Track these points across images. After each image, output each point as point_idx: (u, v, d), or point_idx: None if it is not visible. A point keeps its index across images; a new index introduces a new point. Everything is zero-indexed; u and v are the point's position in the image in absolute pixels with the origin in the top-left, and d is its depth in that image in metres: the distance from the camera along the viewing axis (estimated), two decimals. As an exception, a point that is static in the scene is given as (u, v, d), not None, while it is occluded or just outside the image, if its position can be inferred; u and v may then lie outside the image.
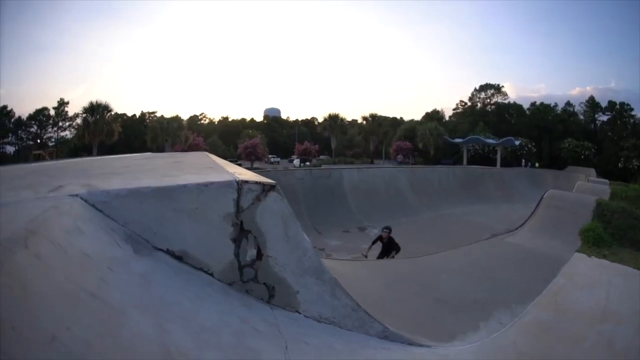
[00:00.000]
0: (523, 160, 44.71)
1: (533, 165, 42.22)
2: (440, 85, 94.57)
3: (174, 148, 38.96)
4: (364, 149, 59.85)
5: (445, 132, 49.91)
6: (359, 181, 14.48)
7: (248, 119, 78.23)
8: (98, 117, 37.39)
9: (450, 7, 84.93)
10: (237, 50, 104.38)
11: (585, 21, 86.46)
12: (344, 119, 53.52)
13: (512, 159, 46.11)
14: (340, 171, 14.71)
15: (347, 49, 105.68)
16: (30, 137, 55.44)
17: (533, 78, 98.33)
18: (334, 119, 51.16)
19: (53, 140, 55.37)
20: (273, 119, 76.78)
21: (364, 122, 56.57)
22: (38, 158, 39.74)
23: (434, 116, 60.69)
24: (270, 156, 50.61)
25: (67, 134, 55.25)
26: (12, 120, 53.47)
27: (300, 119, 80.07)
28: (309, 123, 77.44)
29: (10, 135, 54.05)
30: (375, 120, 54.92)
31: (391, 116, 63.53)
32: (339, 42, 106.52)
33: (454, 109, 66.52)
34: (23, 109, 78.15)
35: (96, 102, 38.10)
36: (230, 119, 76.50)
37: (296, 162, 45.77)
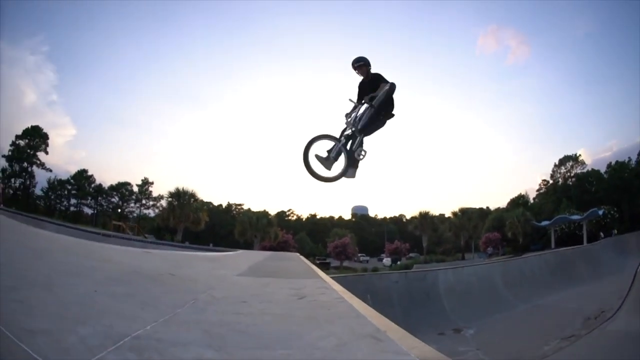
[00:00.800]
0: (601, 233, 41.27)
1: (610, 234, 39.17)
2: (521, 167, 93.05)
3: (262, 243, 40.69)
4: (454, 244, 58.55)
5: (532, 216, 48.42)
6: (454, 282, 14.50)
7: (336, 216, 79.70)
8: (185, 202, 40.49)
9: (517, 85, 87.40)
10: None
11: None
12: (434, 216, 53.33)
13: (597, 230, 42.81)
14: (435, 273, 14.92)
15: (428, 144, 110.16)
16: (110, 207, 61.25)
17: (604, 136, 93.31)
18: (424, 217, 50.98)
19: (135, 214, 60.60)
20: (361, 217, 78.44)
21: (453, 216, 55.57)
22: (118, 229, 42.12)
23: (519, 201, 59.50)
24: (359, 255, 50.92)
25: (150, 212, 60.62)
26: (92, 185, 59.41)
27: (388, 217, 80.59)
28: (398, 220, 77.37)
29: (89, 198, 59.82)
30: (464, 215, 53.90)
31: (478, 207, 61.86)
32: (421, 138, 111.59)
33: (537, 190, 64.70)
34: (103, 176, 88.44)
35: (182, 189, 41.52)
36: (318, 217, 78.19)
37: (386, 261, 46.07)
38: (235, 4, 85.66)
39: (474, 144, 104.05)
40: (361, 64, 5.13)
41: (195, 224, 40.85)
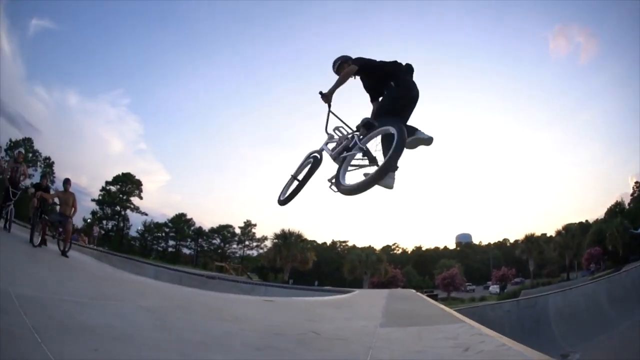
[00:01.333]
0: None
1: None
2: (610, 170, 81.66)
3: (371, 279, 42.76)
4: (558, 265, 55.09)
5: (629, 223, 44.32)
6: (562, 305, 14.58)
7: (441, 247, 78.32)
8: (291, 243, 43.53)
9: (594, 84, 77.45)
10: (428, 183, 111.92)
11: None
12: (539, 237, 51.67)
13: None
14: (545, 298, 15.19)
15: (517, 160, 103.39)
16: (212, 248, 62.83)
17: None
18: (530, 240, 49.50)
19: (237, 255, 62.88)
20: (466, 245, 77.21)
21: (557, 235, 52.85)
22: (220, 270, 45.32)
23: (616, 209, 53.97)
24: (466, 284, 50.83)
25: (254, 252, 63.14)
26: (192, 228, 61.73)
27: (492, 242, 77.94)
28: (501, 245, 74.80)
29: (189, 240, 61.95)
30: (568, 232, 51.06)
31: (578, 221, 56.82)
32: (509, 155, 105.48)
33: (631, 194, 57.74)
34: (201, 218, 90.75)
35: (289, 230, 44.70)
36: (423, 248, 77.29)
37: (493, 288, 45.16)
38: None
39: (563, 153, 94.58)
40: (337, 65, 3.80)
41: (303, 263, 43.38)
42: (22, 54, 68.08)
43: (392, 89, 3.54)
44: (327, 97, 3.53)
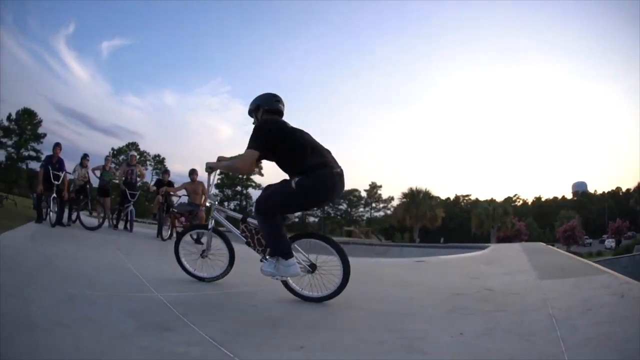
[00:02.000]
0: None
1: None
2: None
3: (497, 234, 40.99)
4: None
5: None
6: None
7: (559, 196, 74.51)
8: (419, 201, 42.59)
9: None
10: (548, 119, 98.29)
11: None
12: None
13: None
14: None
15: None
16: (338, 214, 64.14)
17: None
18: None
19: (364, 218, 63.80)
20: (582, 195, 72.25)
21: None
22: (349, 234, 47.36)
23: None
24: (584, 237, 47.24)
25: (380, 214, 63.92)
26: None
27: (605, 191, 71.70)
28: (614, 194, 68.64)
29: (315, 208, 67.35)
30: None
31: None
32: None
33: None
34: None
35: (416, 188, 43.90)
36: (542, 199, 73.60)
37: (608, 242, 42.44)
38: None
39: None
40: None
41: (431, 221, 42.39)
42: (103, 74, 77.69)
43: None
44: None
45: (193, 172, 8.28)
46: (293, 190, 2.67)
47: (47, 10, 67.97)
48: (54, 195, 7.24)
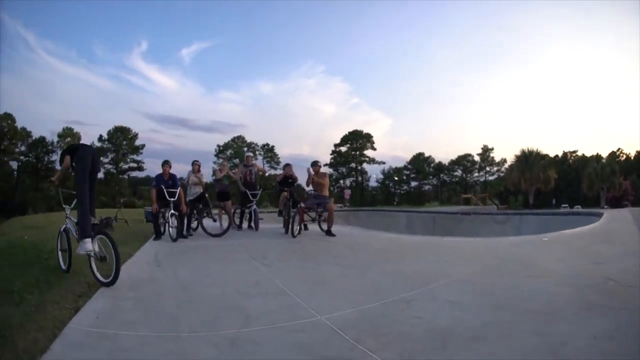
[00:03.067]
0: None
1: None
2: None
3: (607, 195, 38.51)
4: None
5: None
6: None
7: None
8: (533, 163, 40.25)
9: None
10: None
11: None
12: None
13: None
14: None
15: None
16: (454, 180, 62.60)
17: None
18: None
19: (477, 184, 61.35)
20: None
21: None
22: (467, 202, 46.67)
23: None
24: None
25: (494, 177, 60.29)
26: (432, 165, 62.30)
27: None
28: None
29: (431, 177, 63.03)
30: None
31: None
32: None
33: None
34: (435, 152, 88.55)
35: (528, 149, 41.34)
36: None
37: None
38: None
39: None
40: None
41: (545, 183, 40.40)
42: (190, 78, 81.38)
43: None
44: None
45: (315, 164, 7.91)
46: None
47: (110, 37, 75.40)
48: (172, 211, 7.03)
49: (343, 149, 60.63)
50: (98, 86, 71.45)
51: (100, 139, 53.60)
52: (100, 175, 49.34)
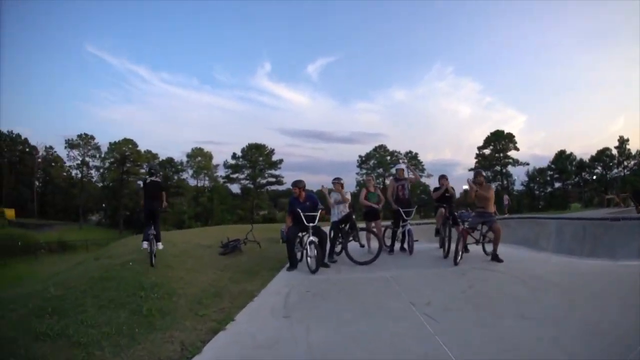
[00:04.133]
0: None
1: None
2: None
3: None
4: None
5: None
6: None
7: None
8: None
9: None
10: None
11: None
12: None
13: None
14: None
15: None
16: (594, 179, 54.75)
17: None
18: None
19: (616, 182, 52.43)
20: None
21: None
22: (609, 203, 37.78)
23: None
24: None
25: (628, 173, 51.40)
26: (573, 162, 55.68)
27: None
28: None
29: (574, 176, 55.58)
30: None
31: None
32: None
33: None
34: (573, 147, 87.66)
35: None
36: None
37: None
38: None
39: None
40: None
41: None
42: (321, 92, 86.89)
43: None
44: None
45: (478, 175, 6.73)
46: None
47: (231, 63, 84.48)
48: (311, 238, 6.05)
49: (487, 151, 57.67)
50: (227, 108, 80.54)
51: (233, 156, 57.72)
52: (237, 190, 58.46)
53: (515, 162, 56.84)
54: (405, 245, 7.59)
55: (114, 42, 79.28)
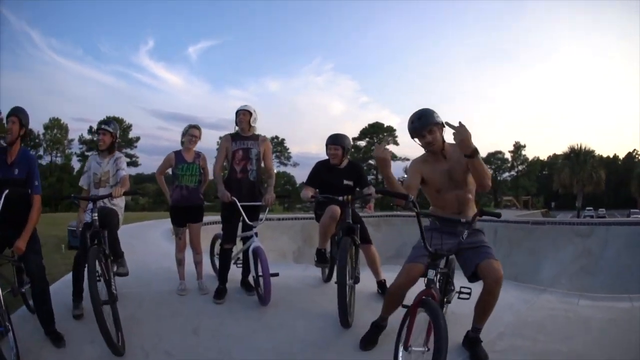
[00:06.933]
0: None
1: None
2: None
3: None
4: None
5: None
6: None
7: None
8: (583, 162, 35.15)
9: None
10: None
11: None
12: None
13: None
14: None
15: None
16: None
17: None
18: None
19: (508, 185, 54.23)
20: None
21: None
22: (507, 205, 42.04)
23: None
24: None
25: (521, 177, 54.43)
26: None
27: None
28: None
29: None
30: None
31: None
32: None
33: None
34: None
35: (579, 146, 36.02)
36: None
37: None
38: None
39: None
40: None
41: (597, 185, 35.15)
42: (197, 76, 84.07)
43: None
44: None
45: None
46: None
47: (116, 35, 77.69)
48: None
49: (362, 142, 51.10)
50: (105, 83, 72.31)
51: (89, 131, 45.32)
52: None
53: (394, 157, 49.54)
54: (259, 285, 3.37)
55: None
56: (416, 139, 2.34)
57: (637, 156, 53.95)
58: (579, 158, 35.48)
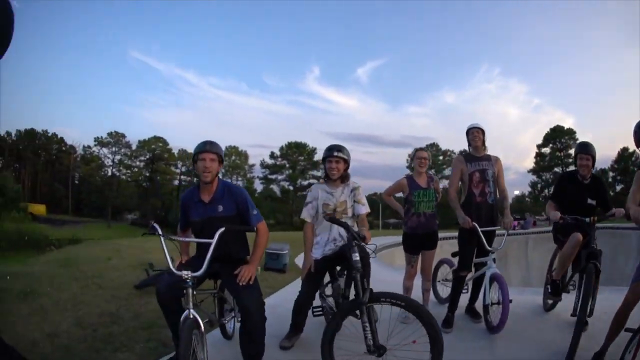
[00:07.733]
0: None
1: None
2: None
3: None
4: None
5: None
6: None
7: None
8: None
9: None
10: None
11: None
12: None
13: None
14: None
15: None
16: None
17: None
18: None
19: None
20: None
21: None
22: None
23: None
24: None
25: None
26: (637, 161, 46.48)
27: None
28: None
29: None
30: None
31: None
32: None
33: None
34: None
35: None
36: None
37: None
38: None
39: None
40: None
41: None
42: (371, 96, 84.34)
43: None
44: None
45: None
46: None
47: (281, 67, 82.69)
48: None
49: (546, 149, 50.65)
50: (276, 112, 78.58)
51: (271, 155, 52.88)
52: (277, 192, 52.76)
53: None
54: (486, 305, 3.21)
55: (159, 48, 79.86)
56: None
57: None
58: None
